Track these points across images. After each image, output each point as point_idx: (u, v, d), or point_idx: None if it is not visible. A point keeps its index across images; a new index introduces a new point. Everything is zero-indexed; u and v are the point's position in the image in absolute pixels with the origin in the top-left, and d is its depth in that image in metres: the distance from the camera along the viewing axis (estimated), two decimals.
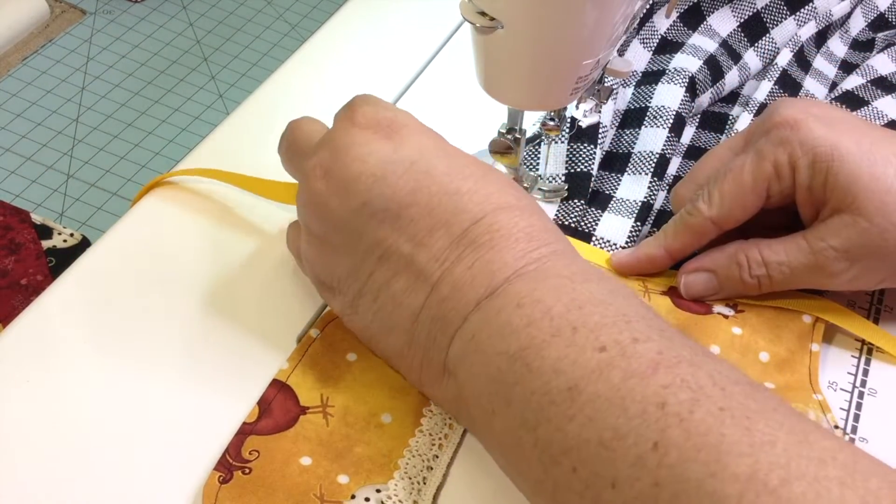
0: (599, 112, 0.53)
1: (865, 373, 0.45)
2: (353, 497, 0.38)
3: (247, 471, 0.38)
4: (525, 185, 0.53)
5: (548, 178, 0.54)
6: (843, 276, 0.43)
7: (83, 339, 0.45)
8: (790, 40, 0.61)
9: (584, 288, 0.35)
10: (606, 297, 0.35)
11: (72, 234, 1.07)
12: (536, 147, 0.55)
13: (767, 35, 0.61)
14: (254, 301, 0.47)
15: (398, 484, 0.39)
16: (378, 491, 0.38)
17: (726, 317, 0.46)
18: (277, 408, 0.41)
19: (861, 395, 0.44)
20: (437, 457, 0.40)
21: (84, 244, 1.07)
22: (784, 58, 0.59)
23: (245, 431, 0.40)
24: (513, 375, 0.34)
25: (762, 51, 0.61)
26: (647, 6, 0.59)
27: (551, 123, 0.51)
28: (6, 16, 1.02)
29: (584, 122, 0.52)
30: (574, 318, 0.34)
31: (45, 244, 1.06)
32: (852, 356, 0.46)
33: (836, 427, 0.41)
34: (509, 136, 0.50)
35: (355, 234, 0.39)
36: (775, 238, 0.44)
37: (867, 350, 0.46)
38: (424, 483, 0.39)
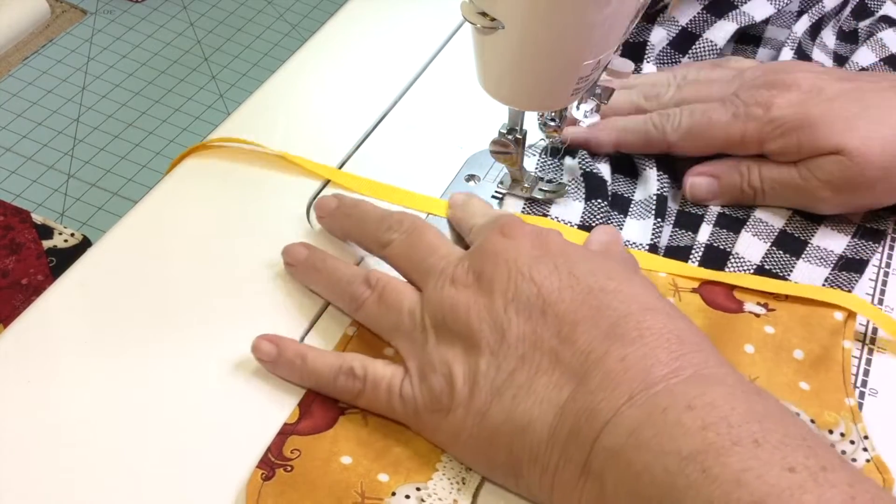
0: (599, 112, 0.53)
1: (866, 373, 0.45)
2: (393, 494, 0.39)
3: (289, 468, 0.39)
4: (525, 185, 0.53)
5: (548, 179, 0.54)
6: (830, 202, 0.50)
7: (84, 340, 0.45)
8: (788, 38, 0.61)
9: (758, 400, 0.34)
10: (782, 415, 0.34)
11: (72, 234, 1.07)
12: (559, 159, 0.55)
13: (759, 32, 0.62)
14: (254, 301, 0.47)
15: (437, 483, 0.39)
16: (418, 489, 0.39)
17: (757, 315, 0.46)
18: (317, 409, 0.42)
19: (861, 395, 0.44)
20: None
21: (85, 244, 1.07)
22: (786, 56, 0.59)
23: (286, 432, 0.40)
24: (684, 479, 0.32)
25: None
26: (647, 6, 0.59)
27: (552, 124, 0.51)
28: (6, 16, 1.02)
29: (585, 122, 0.52)
30: (754, 431, 0.32)
31: (46, 244, 1.06)
32: (853, 357, 0.46)
33: (866, 437, 0.41)
34: (509, 136, 0.50)
35: (499, 331, 0.39)
36: (773, 161, 0.51)
37: (868, 350, 0.46)
38: (464, 483, 0.39)
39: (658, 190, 0.52)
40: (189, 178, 0.54)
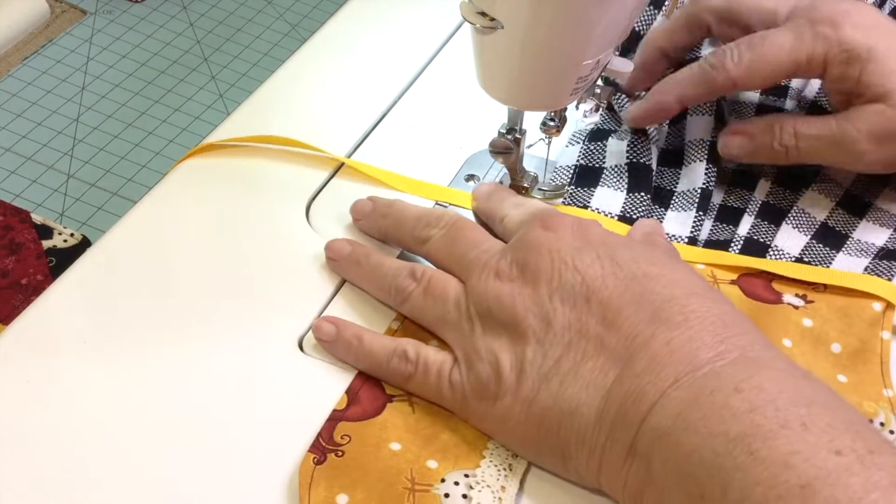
0: (599, 112, 0.53)
1: None
2: (442, 481, 0.39)
3: (340, 453, 0.40)
4: (525, 184, 0.53)
5: (548, 179, 0.54)
6: (869, 156, 0.48)
7: (84, 339, 0.45)
8: None
9: (805, 384, 0.35)
10: (829, 399, 0.34)
11: (72, 234, 1.07)
12: (601, 142, 0.55)
13: None
14: (254, 301, 0.47)
15: (485, 471, 0.40)
16: (466, 476, 0.39)
17: (796, 307, 0.46)
18: (365, 396, 0.42)
19: None
20: None
21: (84, 244, 1.07)
22: None
23: (335, 418, 0.41)
24: (731, 461, 0.32)
25: None
26: (646, 6, 0.59)
27: (551, 124, 0.51)
28: (6, 16, 1.02)
29: (585, 123, 0.52)
30: (802, 414, 0.33)
31: (46, 244, 1.06)
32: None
33: None
34: (509, 136, 0.50)
35: (545, 320, 0.39)
36: (812, 115, 0.49)
37: None
38: (511, 469, 0.40)
39: (704, 183, 0.52)
40: (189, 178, 0.54)
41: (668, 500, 0.35)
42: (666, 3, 0.59)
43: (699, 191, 0.52)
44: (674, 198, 0.53)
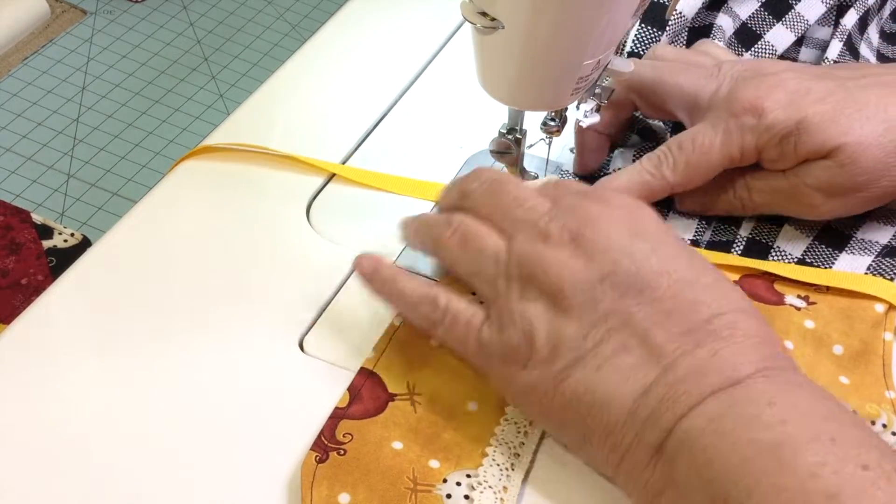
0: (600, 112, 0.53)
1: None
2: (444, 481, 0.39)
3: (342, 452, 0.40)
4: None
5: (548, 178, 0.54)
6: (822, 208, 0.48)
7: (84, 339, 0.45)
8: (836, 31, 0.60)
9: (835, 407, 0.36)
10: (856, 422, 0.35)
11: (72, 234, 1.07)
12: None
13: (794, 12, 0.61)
14: (254, 301, 0.47)
15: (487, 471, 0.40)
16: (468, 476, 0.40)
17: (798, 309, 0.46)
18: (367, 394, 0.42)
19: None
20: (524, 444, 0.41)
21: (84, 244, 1.07)
22: (834, 50, 0.58)
23: (337, 415, 0.41)
24: (760, 466, 0.33)
25: (790, 24, 0.61)
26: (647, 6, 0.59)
27: (552, 124, 0.51)
28: (6, 16, 1.02)
29: (585, 123, 0.52)
30: (832, 430, 0.34)
31: (46, 244, 1.06)
32: None
33: None
34: (509, 136, 0.50)
35: (591, 301, 0.39)
36: (763, 170, 0.49)
37: None
38: (513, 469, 0.40)
39: None
40: (189, 178, 0.54)
41: (689, 502, 0.35)
42: (670, 22, 0.59)
43: None
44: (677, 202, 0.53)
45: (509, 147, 0.50)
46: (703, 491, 0.34)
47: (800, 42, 0.62)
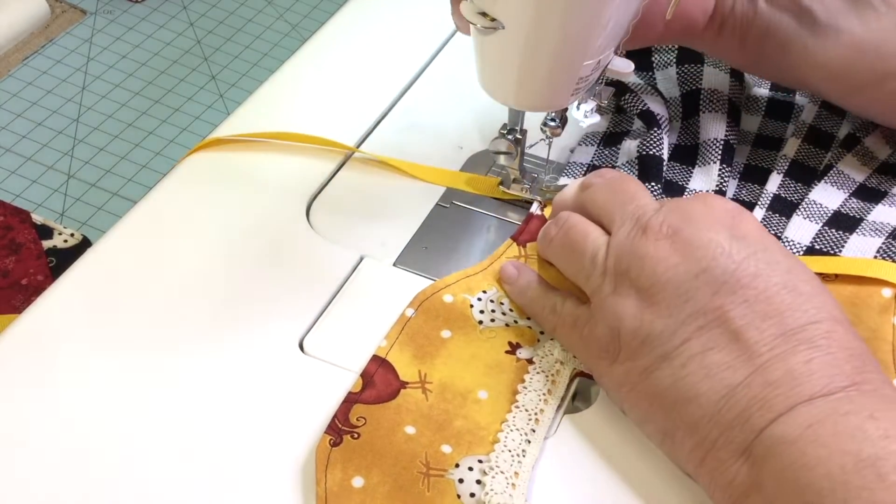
0: (600, 112, 0.53)
1: None
2: (457, 466, 0.40)
3: (356, 436, 0.40)
4: (525, 185, 0.53)
5: (548, 178, 0.54)
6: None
7: (84, 339, 0.45)
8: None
9: None
10: None
11: (72, 235, 1.07)
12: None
13: None
14: (255, 301, 0.47)
15: (499, 456, 0.40)
16: (480, 461, 0.40)
17: None
18: (379, 380, 0.43)
19: None
20: (535, 430, 0.41)
21: (84, 244, 1.07)
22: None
23: (351, 400, 0.42)
24: (860, 479, 0.33)
25: None
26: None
27: (552, 124, 0.51)
28: (6, 16, 1.02)
29: (585, 123, 0.52)
30: None
31: (46, 244, 1.06)
32: None
33: None
34: (509, 136, 0.50)
35: (683, 296, 0.39)
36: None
37: None
38: (524, 455, 0.40)
39: (717, 185, 0.52)
40: (189, 178, 0.54)
41: None
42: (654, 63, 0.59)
43: (712, 192, 0.52)
44: (685, 194, 0.53)
45: (510, 147, 0.50)
46: (795, 496, 0.34)
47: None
